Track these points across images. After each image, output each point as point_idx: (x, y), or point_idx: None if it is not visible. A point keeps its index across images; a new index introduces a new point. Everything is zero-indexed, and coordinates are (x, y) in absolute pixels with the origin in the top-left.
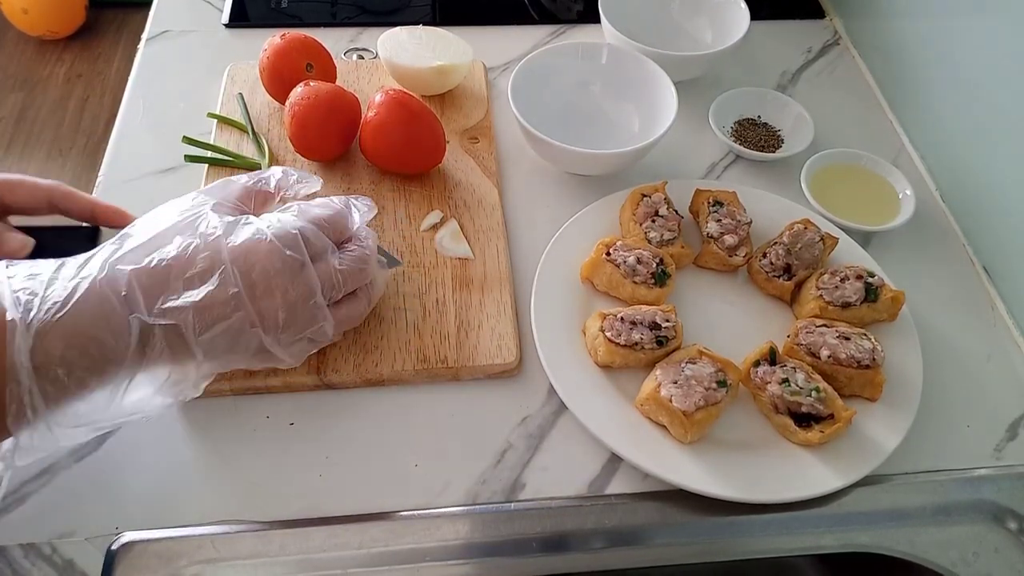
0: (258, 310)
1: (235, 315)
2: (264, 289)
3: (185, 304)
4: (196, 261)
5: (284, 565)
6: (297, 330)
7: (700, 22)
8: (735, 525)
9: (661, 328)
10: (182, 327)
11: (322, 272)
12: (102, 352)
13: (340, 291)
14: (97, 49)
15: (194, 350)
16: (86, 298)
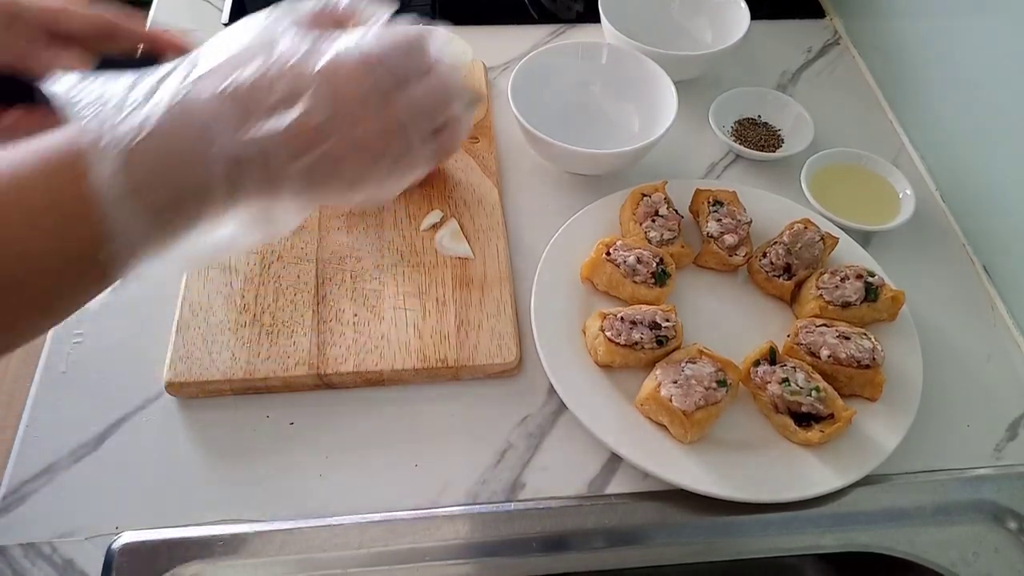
0: (351, 136)
1: (327, 142)
2: (356, 113)
3: (274, 131)
4: (282, 83)
5: (284, 565)
6: (392, 159)
7: (700, 22)
8: (735, 525)
9: (661, 328)
10: (271, 157)
11: (412, 97)
12: (185, 185)
13: (430, 120)
14: None
15: (285, 183)
16: (163, 127)
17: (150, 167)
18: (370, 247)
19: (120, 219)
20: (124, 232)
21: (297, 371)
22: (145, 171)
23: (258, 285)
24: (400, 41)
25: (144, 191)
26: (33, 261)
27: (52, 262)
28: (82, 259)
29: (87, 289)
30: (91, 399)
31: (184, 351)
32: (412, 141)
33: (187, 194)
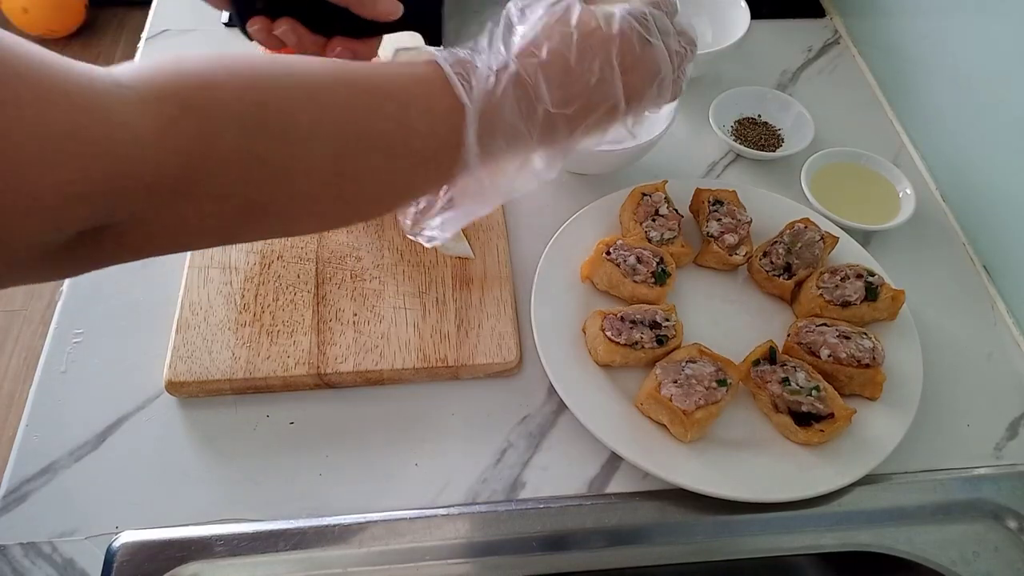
0: (628, 85)
1: (609, 102)
2: (628, 72)
3: (580, 93)
4: (580, 52)
5: (284, 564)
6: (647, 106)
7: (700, 21)
8: (735, 524)
9: (661, 327)
10: (575, 118)
11: (669, 49)
12: (517, 137)
13: (680, 68)
14: (97, 48)
15: (574, 139)
16: (505, 91)
17: (494, 123)
18: (370, 246)
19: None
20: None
21: (297, 370)
22: (490, 128)
23: (258, 284)
24: None
25: (486, 140)
26: (414, 143)
27: (425, 145)
28: (442, 152)
29: (434, 182)
30: (91, 398)
31: (184, 350)
32: (671, 84)
33: (515, 142)
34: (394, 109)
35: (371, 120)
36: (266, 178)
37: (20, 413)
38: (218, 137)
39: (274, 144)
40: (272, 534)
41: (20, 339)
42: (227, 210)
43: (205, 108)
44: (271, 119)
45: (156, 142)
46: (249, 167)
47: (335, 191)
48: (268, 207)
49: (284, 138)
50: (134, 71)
